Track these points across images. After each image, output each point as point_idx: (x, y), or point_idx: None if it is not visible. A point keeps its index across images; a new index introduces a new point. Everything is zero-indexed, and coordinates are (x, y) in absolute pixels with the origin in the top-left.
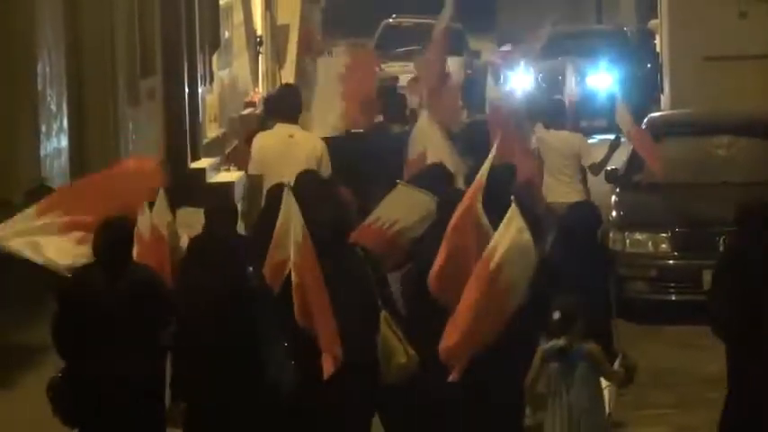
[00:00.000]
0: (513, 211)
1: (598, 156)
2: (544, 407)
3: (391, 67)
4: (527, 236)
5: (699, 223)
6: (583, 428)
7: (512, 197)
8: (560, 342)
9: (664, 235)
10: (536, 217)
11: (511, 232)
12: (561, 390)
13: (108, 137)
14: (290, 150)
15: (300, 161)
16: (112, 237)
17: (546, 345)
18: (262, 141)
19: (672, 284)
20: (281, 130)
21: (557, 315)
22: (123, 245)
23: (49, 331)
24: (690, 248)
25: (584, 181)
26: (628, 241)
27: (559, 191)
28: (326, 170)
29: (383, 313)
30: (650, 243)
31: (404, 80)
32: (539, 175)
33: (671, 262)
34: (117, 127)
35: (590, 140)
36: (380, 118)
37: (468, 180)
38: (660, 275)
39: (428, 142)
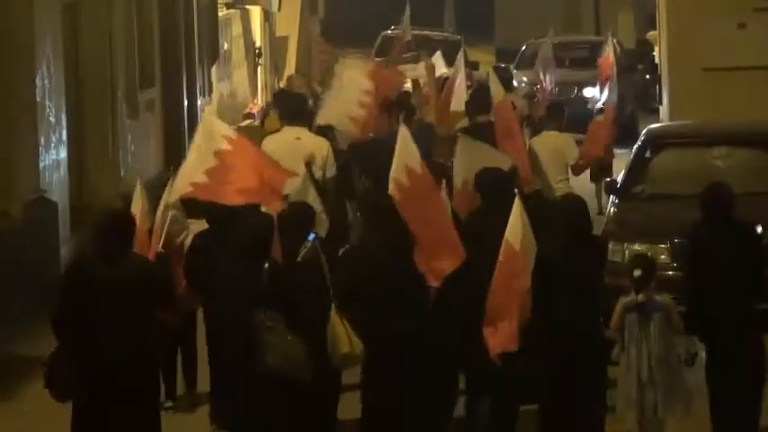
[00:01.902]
0: (517, 206)
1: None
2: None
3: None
4: (531, 233)
5: None
6: (660, 373)
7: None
8: (638, 297)
9: (663, 246)
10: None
11: (521, 227)
12: (640, 338)
13: (107, 149)
14: (297, 152)
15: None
16: (114, 228)
17: (626, 298)
18: (270, 144)
19: (671, 296)
20: (288, 132)
21: (638, 273)
22: (123, 236)
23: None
24: None
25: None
26: (627, 252)
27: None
28: (331, 171)
29: (334, 303)
30: (649, 254)
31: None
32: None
33: (670, 273)
34: (116, 139)
35: None
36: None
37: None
38: (659, 286)
39: (475, 164)
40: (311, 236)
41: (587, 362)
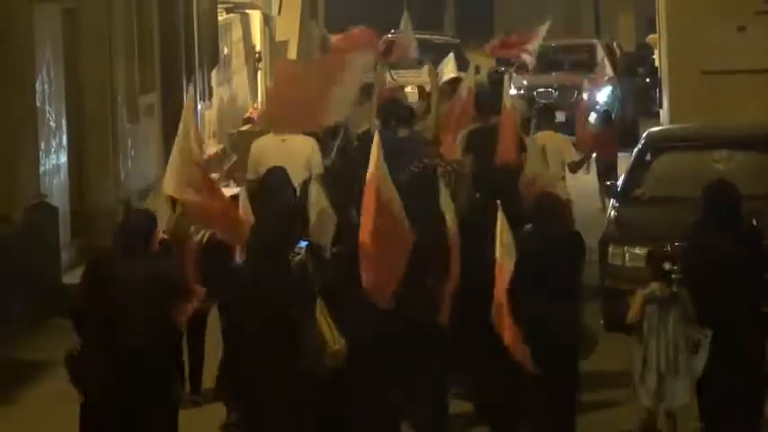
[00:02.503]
0: (500, 219)
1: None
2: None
3: (402, 77)
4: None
5: None
6: (679, 363)
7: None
8: (672, 288)
9: (663, 249)
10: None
11: (503, 241)
12: (660, 329)
13: (107, 153)
14: (283, 153)
15: (294, 163)
16: (136, 227)
17: (646, 289)
18: (257, 147)
19: None
20: (274, 135)
21: (669, 266)
22: (144, 235)
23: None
24: None
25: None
26: (627, 255)
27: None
28: (318, 170)
29: (319, 301)
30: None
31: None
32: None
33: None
34: (116, 143)
35: None
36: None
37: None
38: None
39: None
40: (303, 243)
41: (560, 359)
